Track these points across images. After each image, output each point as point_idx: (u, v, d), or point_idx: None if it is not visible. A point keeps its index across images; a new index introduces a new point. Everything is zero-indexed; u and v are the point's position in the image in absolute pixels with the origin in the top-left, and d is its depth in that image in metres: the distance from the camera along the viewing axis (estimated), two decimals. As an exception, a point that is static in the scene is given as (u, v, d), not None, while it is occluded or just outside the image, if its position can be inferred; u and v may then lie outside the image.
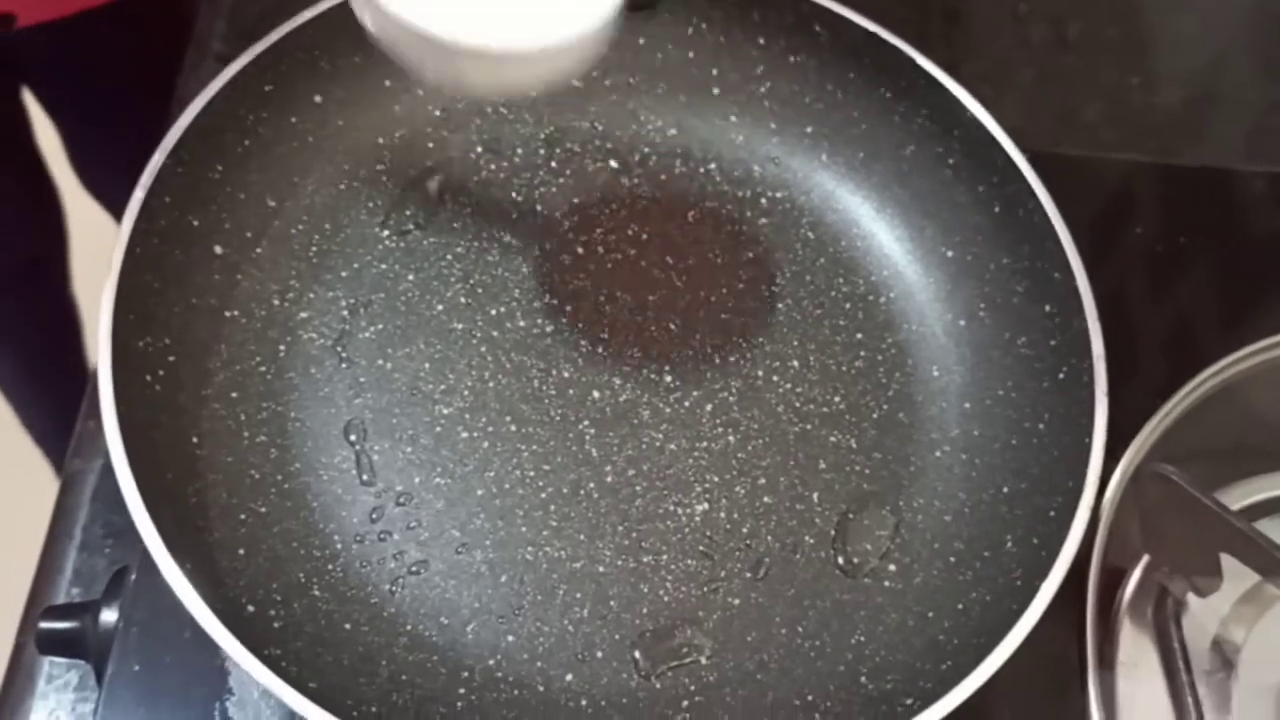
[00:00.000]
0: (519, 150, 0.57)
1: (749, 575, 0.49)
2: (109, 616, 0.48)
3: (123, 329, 0.45)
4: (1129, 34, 0.71)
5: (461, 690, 0.45)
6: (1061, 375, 0.50)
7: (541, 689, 0.46)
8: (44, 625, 0.49)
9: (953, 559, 0.49)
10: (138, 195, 0.46)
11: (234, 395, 0.49)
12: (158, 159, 0.47)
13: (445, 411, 0.51)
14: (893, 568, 0.50)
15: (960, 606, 0.47)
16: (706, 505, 0.50)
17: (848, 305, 0.56)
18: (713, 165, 0.58)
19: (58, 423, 1.02)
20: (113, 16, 0.75)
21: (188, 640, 0.47)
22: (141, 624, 0.47)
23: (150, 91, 0.61)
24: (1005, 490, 0.50)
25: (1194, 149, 0.67)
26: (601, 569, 0.48)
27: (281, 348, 0.51)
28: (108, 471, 0.54)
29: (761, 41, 0.57)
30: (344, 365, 0.51)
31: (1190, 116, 0.68)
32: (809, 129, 0.58)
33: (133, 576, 0.48)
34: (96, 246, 0.48)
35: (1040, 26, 0.70)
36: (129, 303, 0.45)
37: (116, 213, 0.46)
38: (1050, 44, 0.70)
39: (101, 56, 0.80)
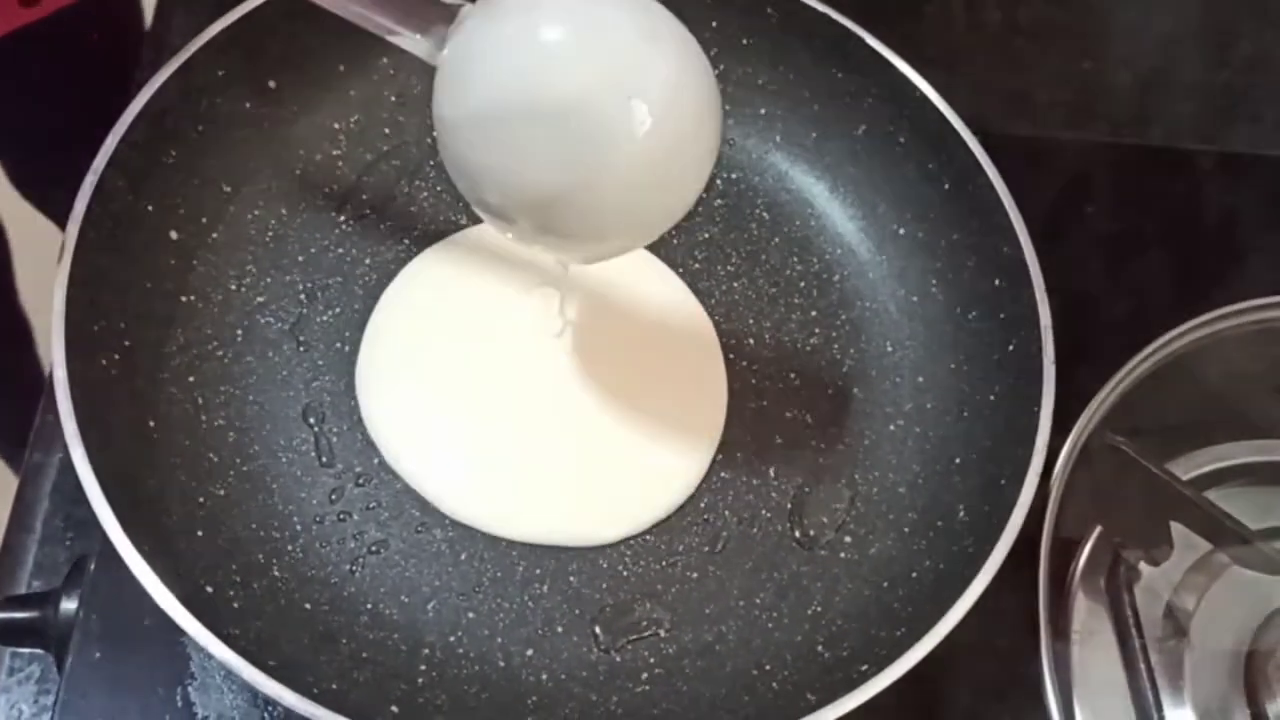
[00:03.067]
0: (475, 135, 0.57)
1: (707, 549, 0.50)
2: (69, 605, 0.48)
3: (77, 312, 0.44)
4: (1079, 18, 0.72)
5: (423, 666, 0.45)
6: (1011, 347, 0.50)
7: (502, 664, 0.46)
8: (3, 615, 0.49)
9: (906, 529, 0.50)
10: (90, 179, 0.46)
11: (191, 379, 0.49)
12: (110, 142, 0.47)
13: (404, 393, 0.51)
14: (848, 539, 0.50)
15: (914, 575, 0.48)
16: (665, 481, 0.51)
17: (802, 284, 0.56)
18: (667, 148, 0.58)
19: (13, 434, 1.01)
20: (52, 25, 0.74)
21: (148, 626, 0.47)
22: (101, 612, 0.47)
23: (95, 99, 0.60)
24: (957, 461, 0.50)
25: (1143, 129, 0.68)
26: (561, 545, 0.49)
27: (239, 332, 0.51)
28: (67, 465, 0.54)
29: (714, 24, 0.57)
30: (302, 349, 0.51)
31: (1140, 98, 0.69)
32: (762, 110, 0.58)
33: (92, 565, 0.48)
34: (43, 258, 0.48)
35: (991, 11, 0.71)
36: (83, 286, 0.45)
37: (61, 222, 0.45)
38: (1001, 28, 0.71)
39: (42, 66, 0.78)
